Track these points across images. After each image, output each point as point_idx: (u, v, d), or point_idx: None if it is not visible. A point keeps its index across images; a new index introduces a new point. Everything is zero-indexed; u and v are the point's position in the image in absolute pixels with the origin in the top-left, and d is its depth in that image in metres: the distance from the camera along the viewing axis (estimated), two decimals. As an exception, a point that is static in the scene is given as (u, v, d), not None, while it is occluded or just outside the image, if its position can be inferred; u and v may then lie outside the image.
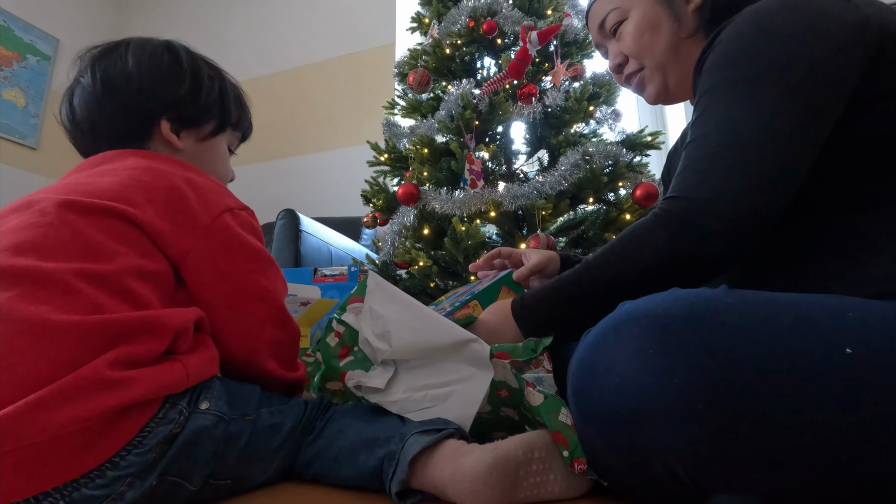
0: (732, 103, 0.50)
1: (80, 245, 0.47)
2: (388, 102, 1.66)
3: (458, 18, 1.51)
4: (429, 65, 1.55)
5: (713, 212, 0.49)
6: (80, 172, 0.58)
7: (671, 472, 0.39)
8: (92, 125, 0.64)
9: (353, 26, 2.70)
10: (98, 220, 0.49)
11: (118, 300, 0.45)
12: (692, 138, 0.53)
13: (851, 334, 0.37)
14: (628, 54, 0.69)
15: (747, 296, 0.41)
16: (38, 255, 0.45)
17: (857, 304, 0.40)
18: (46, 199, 0.50)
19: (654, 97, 0.70)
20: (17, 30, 2.67)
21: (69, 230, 0.47)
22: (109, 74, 0.63)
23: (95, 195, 0.50)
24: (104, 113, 0.63)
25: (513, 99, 1.43)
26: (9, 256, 0.44)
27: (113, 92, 0.63)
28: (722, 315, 0.39)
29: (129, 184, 0.53)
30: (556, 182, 1.26)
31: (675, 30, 0.65)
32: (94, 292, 0.44)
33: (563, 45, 1.53)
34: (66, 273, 0.44)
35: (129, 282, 0.47)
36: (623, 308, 0.43)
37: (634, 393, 0.39)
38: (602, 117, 1.46)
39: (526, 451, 0.46)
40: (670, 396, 0.37)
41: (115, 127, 0.63)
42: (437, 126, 1.42)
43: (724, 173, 0.49)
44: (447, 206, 1.28)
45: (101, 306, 0.43)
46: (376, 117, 1.66)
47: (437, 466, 0.45)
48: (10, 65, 2.62)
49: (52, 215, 0.48)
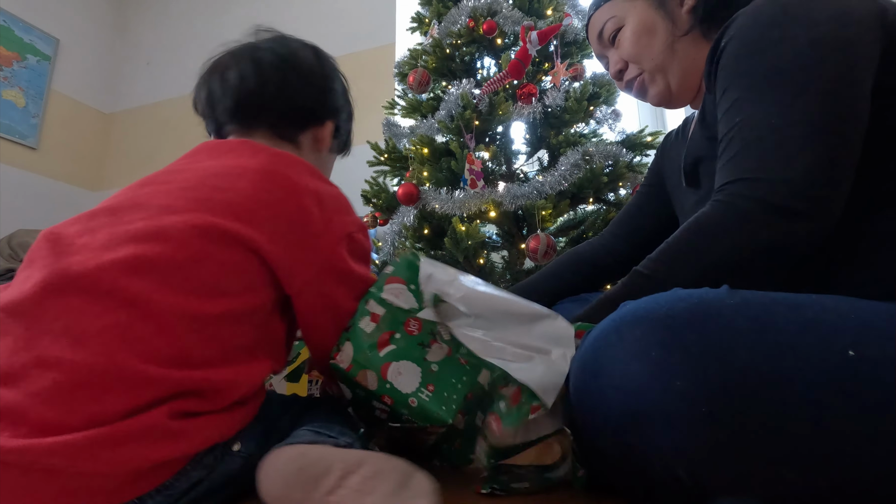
0: (776, 88, 0.48)
1: (197, 278, 0.45)
2: (388, 102, 1.66)
3: (458, 18, 1.51)
4: (429, 65, 1.55)
5: (796, 191, 0.45)
6: (215, 159, 0.54)
7: (673, 473, 0.39)
8: (261, 98, 0.60)
9: (353, 26, 2.70)
10: (224, 249, 0.47)
11: (208, 350, 0.44)
12: (735, 125, 0.50)
13: (854, 336, 0.37)
14: (627, 59, 0.70)
15: (750, 297, 0.41)
16: (156, 279, 0.43)
17: (861, 306, 0.40)
18: (182, 209, 0.47)
19: (658, 98, 0.70)
20: (17, 30, 2.67)
21: (194, 257, 0.45)
22: (299, 57, 0.62)
23: (228, 212, 0.48)
24: (282, 91, 0.60)
25: (513, 99, 1.43)
26: (126, 272, 0.42)
27: (299, 74, 0.61)
28: (725, 316, 0.39)
29: (263, 198, 0.50)
30: (556, 182, 1.26)
31: (671, 31, 0.66)
32: (190, 339, 0.43)
33: (563, 45, 1.53)
34: (173, 313, 0.42)
35: (226, 329, 0.45)
36: (625, 309, 0.43)
37: (636, 394, 0.38)
38: (602, 117, 1.46)
39: (347, 465, 0.41)
40: (672, 398, 0.37)
41: (282, 109, 0.61)
42: (437, 126, 1.42)
43: (793, 150, 0.46)
44: (447, 206, 1.28)
45: (188, 359, 0.42)
46: (376, 117, 1.66)
47: None
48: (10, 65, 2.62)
49: (183, 235, 0.45)
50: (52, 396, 0.36)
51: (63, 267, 0.42)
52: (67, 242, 0.44)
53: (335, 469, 0.41)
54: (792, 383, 0.36)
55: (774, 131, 0.47)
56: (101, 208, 0.49)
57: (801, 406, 0.35)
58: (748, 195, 0.47)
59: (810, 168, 0.45)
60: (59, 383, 0.37)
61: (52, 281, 0.41)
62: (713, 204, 0.49)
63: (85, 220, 0.47)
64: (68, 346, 0.38)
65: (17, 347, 0.38)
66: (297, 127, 0.63)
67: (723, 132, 0.52)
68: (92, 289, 0.41)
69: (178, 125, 2.83)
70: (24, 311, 0.40)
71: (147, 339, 0.41)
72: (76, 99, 2.93)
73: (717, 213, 0.49)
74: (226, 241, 0.47)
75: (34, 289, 0.40)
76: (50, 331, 0.39)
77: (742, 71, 0.51)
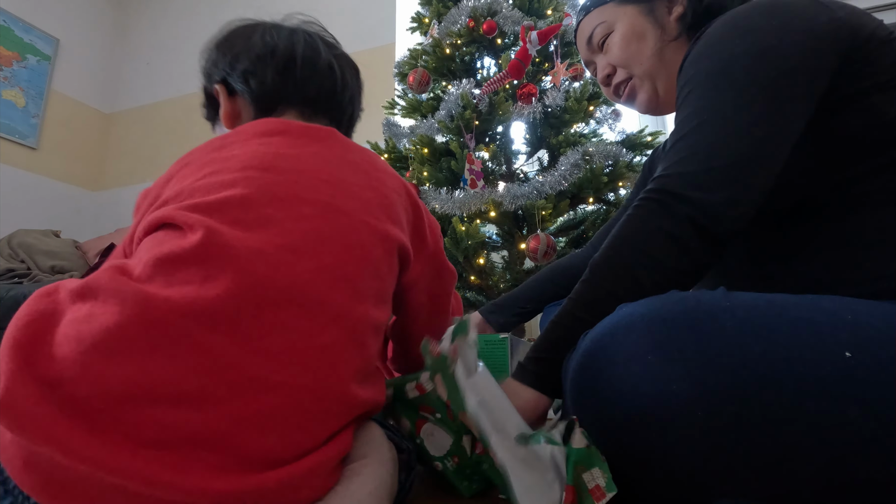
0: (708, 91, 0.52)
1: (375, 285, 0.42)
2: (388, 102, 1.66)
3: (458, 18, 1.52)
4: (429, 65, 1.55)
5: (706, 183, 0.48)
6: (327, 149, 0.48)
7: (671, 475, 0.39)
8: (352, 95, 0.60)
9: (353, 26, 2.70)
10: (387, 254, 0.44)
11: (376, 362, 0.42)
12: (677, 137, 0.53)
13: (850, 337, 0.37)
14: (616, 63, 0.71)
15: (745, 298, 0.41)
16: (351, 291, 0.39)
17: (856, 306, 0.40)
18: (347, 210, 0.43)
19: (646, 105, 0.71)
20: (17, 30, 2.67)
21: (372, 264, 0.42)
22: (347, 60, 0.62)
23: (383, 213, 0.46)
24: (353, 89, 0.61)
25: (513, 99, 1.43)
26: (326, 284, 0.38)
27: (356, 75, 0.62)
28: (720, 318, 0.39)
29: (396, 199, 0.48)
30: (556, 182, 1.26)
31: (660, 37, 0.67)
32: (374, 353, 0.41)
33: (563, 45, 1.53)
34: (368, 326, 0.40)
35: (378, 340, 0.44)
36: (621, 312, 0.43)
37: (632, 398, 0.38)
38: (602, 117, 1.46)
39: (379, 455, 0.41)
40: (669, 401, 0.37)
41: (357, 109, 0.62)
42: (437, 126, 1.42)
43: (707, 148, 0.49)
44: (447, 206, 1.28)
45: (371, 375, 0.40)
46: (376, 117, 1.66)
47: None
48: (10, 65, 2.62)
49: (364, 240, 0.42)
50: (266, 423, 0.33)
51: (253, 273, 0.36)
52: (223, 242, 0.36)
53: (359, 461, 0.41)
54: (788, 385, 0.36)
55: (696, 133, 0.50)
56: (223, 199, 0.40)
57: (797, 407, 0.35)
58: (661, 188, 0.49)
59: (727, 166, 0.48)
60: (276, 408, 0.33)
61: (249, 289, 0.35)
62: (632, 208, 0.51)
63: (215, 212, 0.39)
64: (286, 366, 0.34)
65: (214, 365, 0.32)
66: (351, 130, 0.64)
67: (670, 143, 0.55)
68: (305, 302, 0.37)
69: (177, 125, 2.83)
70: (220, 322, 0.33)
71: (353, 356, 0.38)
72: (76, 99, 2.93)
73: (639, 206, 0.50)
74: (390, 246, 0.45)
75: (226, 296, 0.34)
76: (262, 349, 0.34)
77: (688, 78, 0.54)
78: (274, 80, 0.54)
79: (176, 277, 0.34)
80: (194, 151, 0.48)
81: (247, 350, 0.33)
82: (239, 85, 0.55)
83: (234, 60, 0.56)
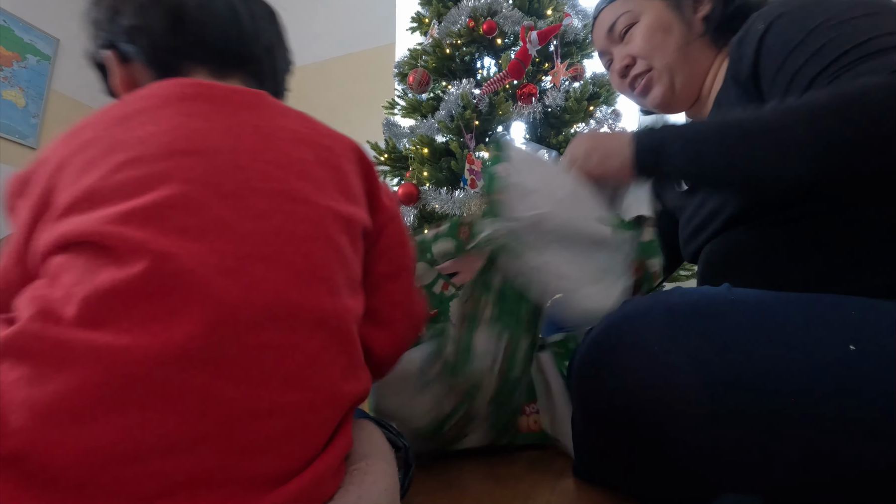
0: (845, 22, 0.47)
1: (346, 274, 0.39)
2: (388, 102, 1.66)
3: (458, 18, 1.52)
4: (429, 65, 1.55)
5: None
6: (259, 118, 0.41)
7: (676, 469, 0.39)
8: (269, 44, 0.51)
9: (353, 26, 2.70)
10: (352, 240, 0.40)
11: (360, 354, 0.40)
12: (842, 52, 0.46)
13: (855, 332, 0.37)
14: (638, 54, 0.70)
15: (751, 294, 0.41)
16: (327, 289, 0.36)
17: (861, 303, 0.40)
18: (306, 195, 0.37)
19: (660, 99, 0.70)
20: (17, 30, 2.67)
21: (340, 253, 0.38)
22: None
23: (341, 193, 0.40)
24: (270, 36, 0.51)
25: (513, 99, 1.43)
26: (303, 289, 0.34)
27: (272, 19, 0.53)
28: (726, 312, 0.39)
29: (349, 170, 0.43)
30: (556, 182, 1.26)
31: (685, 33, 0.67)
32: (357, 347, 0.39)
33: (563, 45, 1.53)
34: (350, 320, 0.37)
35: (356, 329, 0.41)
36: (628, 305, 0.43)
37: (638, 391, 0.39)
38: (602, 117, 1.46)
39: (379, 453, 0.41)
40: (674, 394, 0.37)
41: (281, 61, 0.53)
42: (437, 126, 1.42)
43: None
44: (447, 206, 1.28)
45: (358, 367, 0.39)
46: (376, 117, 1.66)
47: None
48: (10, 65, 2.62)
49: (324, 224, 0.38)
50: (266, 448, 0.31)
51: (224, 298, 0.31)
52: (178, 267, 0.31)
53: (364, 460, 0.40)
54: (792, 378, 0.36)
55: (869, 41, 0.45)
56: (158, 202, 0.33)
57: (801, 401, 0.35)
58: None
59: None
60: (274, 431, 0.31)
61: (225, 318, 0.31)
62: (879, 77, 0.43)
63: (153, 221, 0.32)
64: (278, 387, 0.32)
65: (201, 406, 0.29)
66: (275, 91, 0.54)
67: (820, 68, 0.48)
68: (286, 315, 0.33)
69: (178, 125, 2.83)
70: (198, 361, 0.29)
71: (340, 356, 0.36)
72: (76, 99, 2.93)
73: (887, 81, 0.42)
74: (355, 231, 0.41)
75: (198, 333, 0.30)
76: (250, 377, 0.31)
77: (801, 28, 0.49)
78: (165, 31, 0.45)
79: (128, 319, 0.29)
80: (87, 124, 0.38)
81: (234, 382, 0.30)
82: (129, 47, 0.46)
83: (114, 16, 0.47)
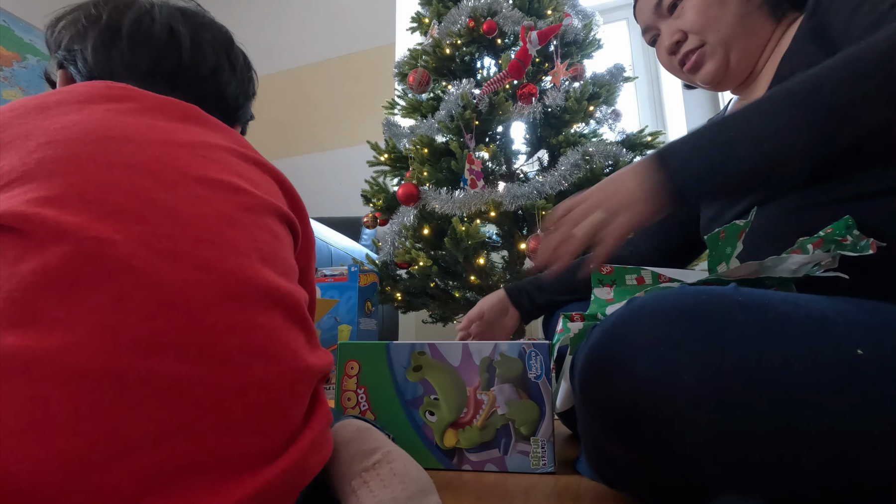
0: None
1: (290, 266, 0.39)
2: (388, 102, 1.66)
3: (458, 18, 1.51)
4: (429, 65, 1.55)
5: None
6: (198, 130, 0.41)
7: (677, 470, 0.39)
8: (215, 68, 0.51)
9: (353, 26, 2.70)
10: (286, 232, 0.41)
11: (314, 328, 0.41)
12: None
13: (863, 335, 0.37)
14: (690, 30, 0.66)
15: (757, 294, 0.41)
16: (277, 271, 0.36)
17: (870, 307, 0.40)
18: (245, 185, 0.38)
19: (712, 76, 0.67)
20: (17, 30, 2.67)
21: (281, 240, 0.39)
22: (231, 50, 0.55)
23: (273, 195, 0.42)
24: (216, 61, 0.52)
25: (513, 99, 1.43)
26: (253, 266, 0.34)
27: (223, 46, 0.53)
28: (731, 313, 0.39)
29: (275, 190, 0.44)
30: (556, 182, 1.26)
31: (743, 3, 0.63)
32: (311, 322, 0.39)
33: (563, 45, 1.53)
34: (304, 302, 0.37)
35: None
36: (631, 304, 0.43)
37: (641, 391, 0.38)
38: (602, 117, 1.46)
39: (386, 454, 0.43)
40: (678, 395, 0.37)
41: (231, 87, 0.54)
42: (437, 126, 1.42)
43: None
44: (447, 206, 1.28)
45: (317, 342, 0.40)
46: (376, 117, 1.66)
47: None
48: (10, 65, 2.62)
49: (263, 218, 0.38)
50: (246, 424, 0.31)
51: (175, 281, 0.30)
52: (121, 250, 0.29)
53: (378, 452, 0.42)
54: (798, 380, 0.36)
55: None
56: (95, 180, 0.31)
57: (806, 404, 0.35)
58: None
59: None
60: (251, 408, 0.31)
61: (178, 300, 0.30)
62: None
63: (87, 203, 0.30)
64: (249, 364, 0.32)
65: (177, 393, 0.28)
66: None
67: None
68: (246, 295, 0.33)
69: (178, 125, 2.83)
70: (167, 348, 0.29)
71: (299, 332, 0.37)
72: (76, 99, 2.93)
73: None
74: (290, 224, 0.43)
75: (155, 314, 0.29)
76: (219, 355, 0.30)
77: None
78: (96, 53, 0.47)
79: (70, 311, 0.26)
80: (3, 109, 0.36)
81: (199, 364, 0.29)
82: (70, 67, 0.48)
83: (59, 38, 0.49)
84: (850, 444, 0.35)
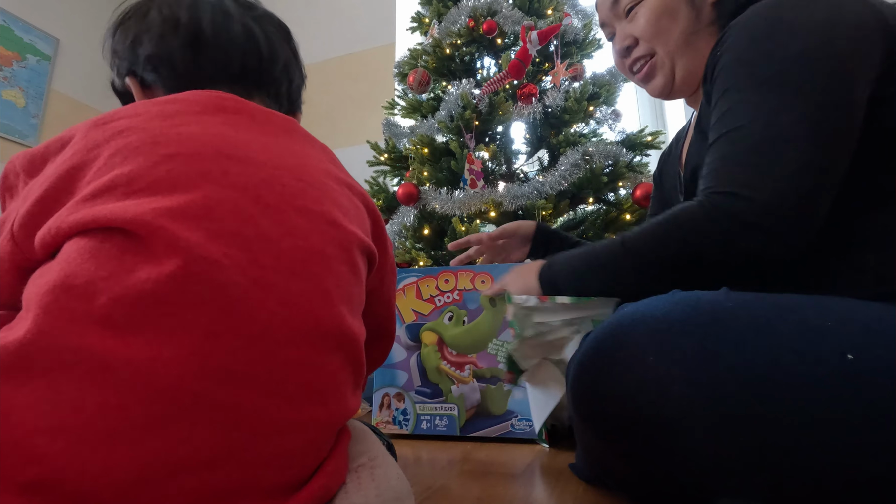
0: (767, 98, 0.48)
1: (360, 302, 0.39)
2: (388, 102, 1.66)
3: (458, 18, 1.52)
4: (429, 65, 1.55)
5: (776, 212, 0.45)
6: (297, 143, 0.41)
7: (672, 475, 0.39)
8: (285, 65, 0.51)
9: (353, 26, 2.70)
10: (364, 266, 0.40)
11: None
12: (727, 131, 0.50)
13: (853, 339, 0.37)
14: (640, 37, 0.67)
15: (748, 299, 0.41)
16: (350, 311, 0.36)
17: (860, 309, 0.40)
18: (338, 215, 0.38)
19: (660, 90, 0.68)
20: (17, 30, 2.67)
21: (359, 277, 0.39)
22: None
23: (360, 224, 0.41)
24: (285, 57, 0.51)
25: (513, 99, 1.43)
26: (329, 309, 0.34)
27: (286, 39, 0.53)
28: (722, 320, 0.39)
29: (361, 210, 0.43)
30: (556, 182, 1.26)
31: (693, 20, 0.64)
32: (364, 367, 0.40)
33: (563, 45, 1.53)
34: (362, 343, 0.38)
35: None
36: (622, 312, 0.43)
37: (634, 399, 0.38)
38: (602, 117, 1.46)
39: (372, 457, 0.43)
40: (670, 403, 0.37)
41: (297, 79, 0.54)
42: (437, 126, 1.42)
43: (778, 168, 0.46)
44: (447, 206, 1.28)
45: (362, 384, 0.40)
46: (376, 117, 1.66)
47: None
48: (10, 65, 2.62)
49: (350, 248, 0.38)
50: (289, 461, 0.32)
51: (266, 314, 0.31)
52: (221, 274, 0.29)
53: (364, 456, 0.42)
54: (790, 386, 0.36)
55: (762, 146, 0.47)
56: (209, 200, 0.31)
57: (798, 409, 0.35)
58: (729, 210, 0.47)
59: (792, 189, 0.45)
60: (297, 447, 0.32)
61: (265, 332, 0.31)
62: (698, 204, 0.49)
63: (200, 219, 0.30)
64: (304, 404, 0.32)
65: (237, 419, 0.29)
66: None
67: (714, 136, 0.52)
68: (315, 334, 0.33)
69: (178, 125, 2.82)
70: (238, 375, 0.29)
71: (351, 375, 0.38)
72: (76, 99, 2.93)
73: (698, 215, 0.48)
74: (370, 259, 0.42)
75: (238, 347, 0.29)
76: (280, 392, 0.31)
77: (737, 82, 0.51)
78: (184, 59, 0.45)
79: (166, 326, 0.27)
80: (121, 115, 0.36)
81: (265, 396, 0.30)
82: (149, 75, 0.47)
83: (134, 46, 0.47)
84: (841, 448, 0.35)
